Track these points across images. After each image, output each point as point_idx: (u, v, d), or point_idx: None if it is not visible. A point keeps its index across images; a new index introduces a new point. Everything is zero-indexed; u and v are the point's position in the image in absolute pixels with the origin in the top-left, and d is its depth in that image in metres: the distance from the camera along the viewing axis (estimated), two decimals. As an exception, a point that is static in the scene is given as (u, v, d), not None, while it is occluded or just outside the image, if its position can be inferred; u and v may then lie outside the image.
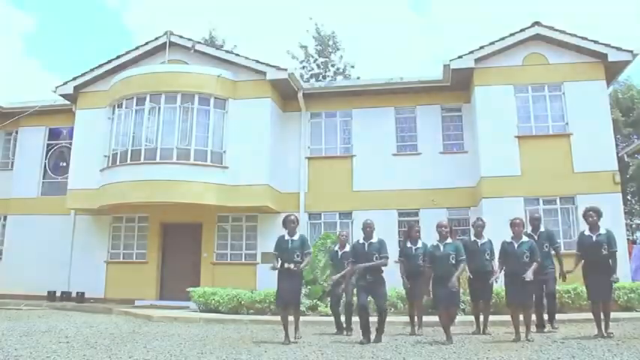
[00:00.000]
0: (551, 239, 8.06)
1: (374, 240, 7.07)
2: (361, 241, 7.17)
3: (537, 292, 7.65)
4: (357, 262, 7.05)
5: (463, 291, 8.10)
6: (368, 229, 7.15)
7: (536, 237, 7.82)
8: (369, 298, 6.94)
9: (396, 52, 46.53)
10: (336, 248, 8.47)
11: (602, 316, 6.85)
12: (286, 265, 6.97)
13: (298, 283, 7.22)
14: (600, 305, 6.82)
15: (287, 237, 7.15)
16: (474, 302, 8.05)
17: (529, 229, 8.23)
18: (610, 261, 6.83)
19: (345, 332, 7.96)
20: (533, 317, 7.38)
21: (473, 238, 8.09)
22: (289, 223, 7.19)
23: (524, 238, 7.05)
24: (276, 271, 7.12)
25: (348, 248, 7.97)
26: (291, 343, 6.80)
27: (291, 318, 7.19)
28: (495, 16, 51.25)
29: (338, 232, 9.41)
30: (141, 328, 9.14)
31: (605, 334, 6.74)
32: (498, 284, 7.72)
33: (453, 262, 6.78)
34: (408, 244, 8.10)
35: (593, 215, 6.95)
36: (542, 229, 8.10)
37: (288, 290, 6.98)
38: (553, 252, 8.00)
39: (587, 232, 7.03)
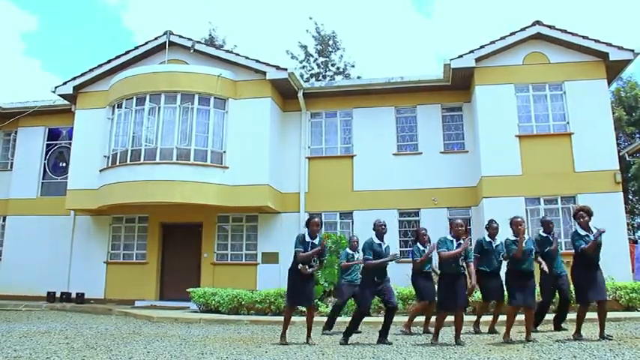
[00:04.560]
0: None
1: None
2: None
3: (546, 297, 7.70)
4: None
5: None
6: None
7: (552, 239, 7.68)
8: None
9: (397, 51, 46.57)
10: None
11: (581, 317, 6.70)
12: (308, 270, 6.85)
13: (312, 285, 7.13)
14: (587, 306, 6.64)
15: (308, 238, 6.93)
16: (486, 302, 8.00)
17: (538, 230, 8.03)
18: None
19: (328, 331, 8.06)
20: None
21: (487, 239, 7.85)
22: (313, 226, 6.95)
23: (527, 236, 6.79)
24: (287, 270, 7.06)
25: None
26: (291, 344, 6.77)
27: (302, 319, 7.14)
28: (496, 16, 51.25)
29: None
30: (141, 328, 9.12)
31: (606, 337, 6.59)
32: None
33: (462, 263, 6.71)
34: (421, 247, 8.00)
35: (584, 215, 6.77)
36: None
37: (305, 292, 6.87)
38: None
39: (582, 232, 6.75)
